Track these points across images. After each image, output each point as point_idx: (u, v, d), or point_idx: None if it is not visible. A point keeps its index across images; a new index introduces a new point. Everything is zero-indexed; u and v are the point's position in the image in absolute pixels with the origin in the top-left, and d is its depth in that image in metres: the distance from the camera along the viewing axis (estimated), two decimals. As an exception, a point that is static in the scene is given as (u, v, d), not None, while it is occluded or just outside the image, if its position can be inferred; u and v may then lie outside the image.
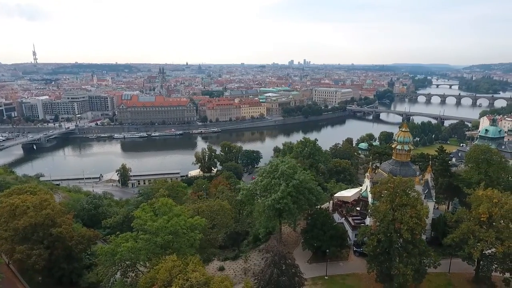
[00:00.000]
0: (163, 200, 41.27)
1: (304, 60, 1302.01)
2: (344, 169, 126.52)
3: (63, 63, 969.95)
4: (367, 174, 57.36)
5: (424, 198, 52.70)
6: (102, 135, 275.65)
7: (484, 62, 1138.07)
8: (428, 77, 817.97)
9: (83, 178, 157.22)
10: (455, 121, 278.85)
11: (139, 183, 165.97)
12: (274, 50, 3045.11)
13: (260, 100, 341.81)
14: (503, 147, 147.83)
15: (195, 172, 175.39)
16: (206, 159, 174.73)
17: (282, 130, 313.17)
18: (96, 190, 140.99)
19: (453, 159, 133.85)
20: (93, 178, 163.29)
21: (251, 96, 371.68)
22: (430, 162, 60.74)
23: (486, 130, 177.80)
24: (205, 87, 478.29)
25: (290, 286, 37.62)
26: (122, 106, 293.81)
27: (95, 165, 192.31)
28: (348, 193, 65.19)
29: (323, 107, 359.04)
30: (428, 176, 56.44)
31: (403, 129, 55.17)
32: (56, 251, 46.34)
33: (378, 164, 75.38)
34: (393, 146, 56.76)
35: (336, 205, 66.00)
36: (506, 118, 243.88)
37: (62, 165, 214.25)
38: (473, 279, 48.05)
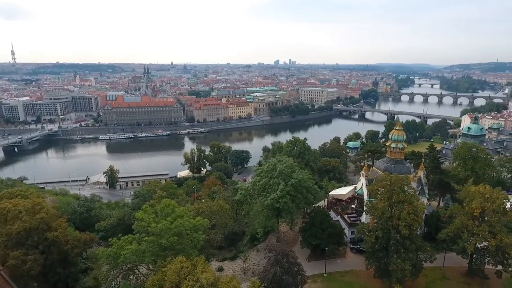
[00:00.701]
0: (165, 202, 40.79)
1: (290, 60, 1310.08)
2: (333, 167, 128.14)
3: (44, 63, 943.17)
4: (362, 172, 58.32)
5: (418, 195, 54.03)
6: (87, 136, 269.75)
7: (464, 62, 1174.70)
8: (410, 77, 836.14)
9: (69, 181, 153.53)
10: (437, 120, 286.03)
11: (127, 185, 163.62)
12: (260, 50, 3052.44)
13: (248, 100, 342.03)
14: (484, 144, 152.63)
15: (184, 173, 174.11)
16: (195, 159, 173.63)
17: (270, 129, 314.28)
18: (83, 192, 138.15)
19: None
20: (79, 180, 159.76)
21: (238, 96, 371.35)
22: (423, 159, 62.23)
23: (469, 128, 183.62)
24: (191, 87, 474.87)
25: (293, 284, 37.92)
26: (107, 107, 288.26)
27: (80, 167, 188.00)
28: (343, 191, 66.09)
29: (310, 107, 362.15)
30: (421, 173, 57.88)
31: (397, 128, 56.38)
32: (51, 256, 45.16)
33: (369, 163, 76.62)
34: (387, 144, 57.85)
35: (331, 203, 66.80)
36: (486, 116, 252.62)
37: (45, 168, 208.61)
38: (466, 272, 49.58)
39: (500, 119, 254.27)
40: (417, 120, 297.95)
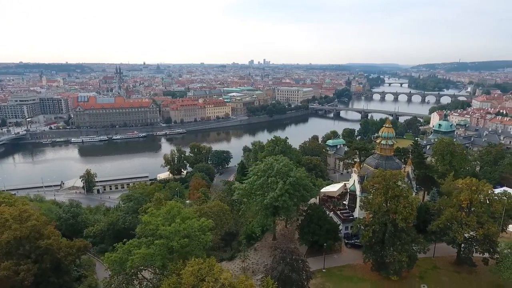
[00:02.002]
0: (172, 204, 39.92)
1: (264, 60, 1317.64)
2: (315, 166, 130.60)
3: (6, 63, 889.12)
4: (354, 169, 59.95)
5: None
6: (58, 139, 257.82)
7: (429, 62, 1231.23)
8: (381, 76, 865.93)
9: (42, 187, 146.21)
10: (408, 117, 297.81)
11: (104, 189, 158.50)
12: (234, 50, 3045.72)
13: (225, 100, 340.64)
14: (454, 140, 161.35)
15: (164, 174, 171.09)
16: (176, 161, 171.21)
17: (248, 129, 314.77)
18: (58, 198, 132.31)
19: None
20: (53, 186, 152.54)
21: (215, 96, 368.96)
22: (411, 155, 64.86)
23: (440, 124, 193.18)
24: (166, 88, 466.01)
25: (299, 280, 38.46)
26: (79, 109, 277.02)
27: (53, 172, 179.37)
28: (334, 188, 67.61)
29: (286, 106, 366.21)
30: (409, 168, 60.30)
31: (387, 125, 58.45)
32: (44, 265, 42.96)
33: (357, 160, 78.83)
34: (377, 141, 59.79)
35: (323, 200, 68.11)
36: (453, 114, 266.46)
37: (13, 173, 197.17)
38: (455, 261, 52.26)
39: (466, 116, 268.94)
40: (390, 117, 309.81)
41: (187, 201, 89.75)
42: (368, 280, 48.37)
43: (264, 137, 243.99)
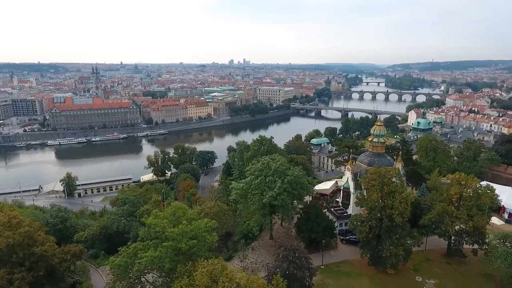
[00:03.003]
0: (177, 205, 39.24)
1: (244, 60, 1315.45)
2: (300, 164, 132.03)
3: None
4: (348, 166, 61.14)
5: (399, 185, 57.94)
6: (33, 142, 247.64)
7: (404, 61, 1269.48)
8: (358, 76, 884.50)
9: (19, 192, 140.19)
10: (387, 115, 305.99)
11: (86, 193, 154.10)
12: (214, 50, 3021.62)
13: (207, 100, 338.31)
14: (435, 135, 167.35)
15: (148, 176, 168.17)
16: (160, 162, 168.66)
17: (231, 129, 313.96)
18: (38, 203, 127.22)
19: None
20: (32, 190, 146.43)
21: (196, 96, 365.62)
22: (400, 152, 66.76)
23: (418, 122, 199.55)
24: (146, 88, 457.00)
25: (304, 278, 38.93)
26: (55, 110, 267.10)
27: (29, 176, 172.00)
28: (326, 186, 68.69)
29: (268, 106, 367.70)
30: (399, 165, 62.10)
31: (378, 123, 59.99)
32: (38, 272, 41.24)
33: (346, 157, 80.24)
34: (369, 139, 61.25)
35: (315, 198, 68.96)
36: (429, 111, 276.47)
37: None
38: (446, 253, 54.37)
39: (441, 113, 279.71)
40: (369, 116, 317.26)
41: (172, 203, 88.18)
42: (366, 275, 49.53)
43: (247, 137, 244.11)
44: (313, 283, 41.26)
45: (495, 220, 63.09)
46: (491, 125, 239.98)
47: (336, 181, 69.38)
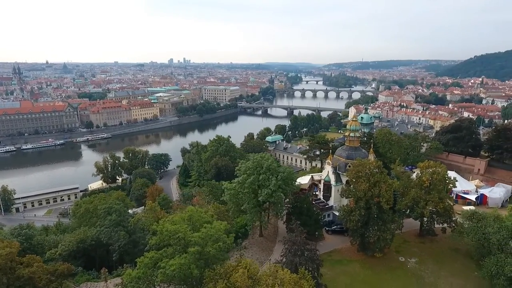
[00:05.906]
0: (191, 209, 37.34)
1: (184, 59, 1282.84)
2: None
3: None
4: (328, 160, 64.19)
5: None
6: None
7: (338, 61, 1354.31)
8: (298, 75, 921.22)
9: None
10: (330, 112, 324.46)
11: (25, 207, 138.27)
12: (152, 49, 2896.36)
13: (152, 101, 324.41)
14: (374, 130, 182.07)
15: (97, 184, 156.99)
16: (109, 168, 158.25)
17: (179, 130, 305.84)
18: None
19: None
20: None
21: (140, 97, 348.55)
22: (372, 145, 71.72)
23: (362, 117, 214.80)
24: (80, 89, 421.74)
25: (314, 270, 40.35)
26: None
27: None
28: (304, 181, 71.08)
29: (216, 105, 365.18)
30: (371, 157, 66.99)
31: (354, 119, 64.04)
32: (23, 297, 36.52)
33: (318, 153, 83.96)
34: (346, 134, 65.08)
35: (295, 193, 71.00)
36: (368, 107, 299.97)
37: None
38: (419, 233, 60.32)
39: (378, 109, 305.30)
40: (314, 113, 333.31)
41: (136, 210, 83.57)
42: (356, 261, 52.82)
43: (195, 137, 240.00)
44: (321, 274, 42.94)
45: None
46: (419, 118, 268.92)
47: (312, 176, 72.31)
